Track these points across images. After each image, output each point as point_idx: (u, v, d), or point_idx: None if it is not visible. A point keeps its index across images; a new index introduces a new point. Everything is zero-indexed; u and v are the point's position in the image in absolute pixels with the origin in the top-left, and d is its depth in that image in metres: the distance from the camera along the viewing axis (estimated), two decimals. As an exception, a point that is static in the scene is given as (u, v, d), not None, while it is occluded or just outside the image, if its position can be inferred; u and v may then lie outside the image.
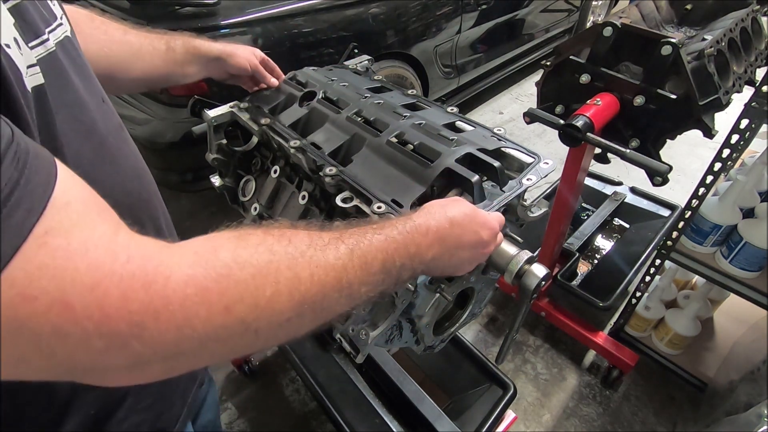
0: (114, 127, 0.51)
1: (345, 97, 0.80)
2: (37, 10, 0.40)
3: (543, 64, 1.19)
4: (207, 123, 0.82)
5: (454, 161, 0.61)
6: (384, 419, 1.17)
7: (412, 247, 0.44)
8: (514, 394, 1.23)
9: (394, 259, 0.42)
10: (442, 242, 0.47)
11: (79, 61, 0.47)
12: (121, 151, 0.50)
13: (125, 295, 0.27)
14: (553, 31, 3.45)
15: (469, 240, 0.49)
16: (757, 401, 1.01)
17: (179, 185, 2.00)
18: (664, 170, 0.96)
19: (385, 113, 0.74)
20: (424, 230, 0.46)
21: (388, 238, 0.43)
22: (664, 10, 1.40)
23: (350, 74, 0.95)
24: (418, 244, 0.45)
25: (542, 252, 1.56)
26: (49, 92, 0.37)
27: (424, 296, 0.61)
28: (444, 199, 0.53)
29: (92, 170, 0.43)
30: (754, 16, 1.22)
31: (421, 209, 0.49)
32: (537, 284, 0.54)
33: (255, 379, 1.64)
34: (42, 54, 0.38)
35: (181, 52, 0.74)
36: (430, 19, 2.35)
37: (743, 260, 1.17)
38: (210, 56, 0.77)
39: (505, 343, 0.66)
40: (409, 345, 0.69)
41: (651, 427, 1.50)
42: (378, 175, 0.64)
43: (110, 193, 0.43)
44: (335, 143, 0.71)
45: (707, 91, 0.98)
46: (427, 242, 0.46)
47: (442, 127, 0.71)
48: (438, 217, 0.48)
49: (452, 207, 0.50)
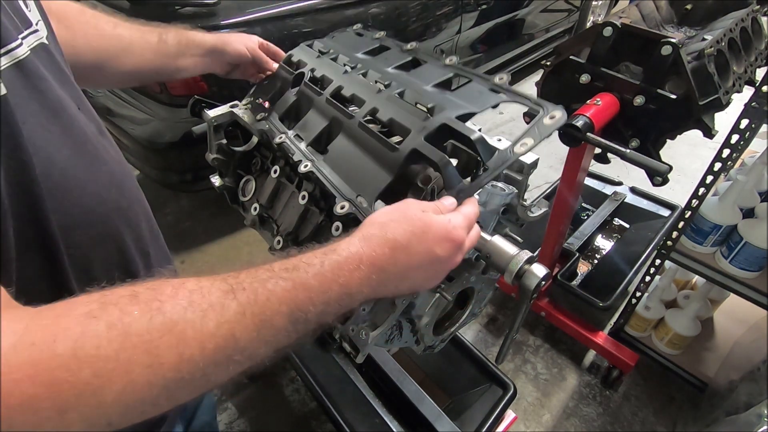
0: (92, 134, 0.48)
1: (329, 73, 0.73)
2: (8, 17, 0.39)
3: (543, 64, 1.19)
4: (207, 123, 0.82)
5: (422, 140, 0.54)
6: (384, 419, 1.17)
7: (335, 289, 0.38)
8: (514, 394, 1.23)
9: (306, 309, 0.36)
10: (382, 272, 0.40)
11: (57, 67, 0.45)
12: (98, 157, 0.48)
13: None
14: (553, 31, 3.45)
15: (419, 261, 0.42)
16: (757, 401, 1.01)
17: (179, 185, 2.00)
18: (664, 170, 0.96)
19: (363, 87, 0.67)
20: (354, 264, 0.39)
21: (297, 285, 0.36)
22: (664, 10, 1.40)
23: (350, 38, 0.87)
24: (345, 283, 0.38)
25: (542, 252, 1.55)
26: (12, 102, 0.36)
27: (424, 296, 0.61)
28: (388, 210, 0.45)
29: (64, 179, 0.41)
30: (754, 16, 1.22)
31: (357, 231, 0.42)
32: (537, 284, 0.53)
33: (255, 379, 1.64)
34: (7, 64, 0.37)
35: (173, 44, 0.71)
36: (430, 19, 2.35)
37: (743, 260, 1.17)
38: (204, 47, 0.74)
39: (505, 342, 0.66)
40: (409, 345, 0.69)
41: (651, 427, 1.50)
42: (351, 165, 0.59)
43: (80, 202, 0.43)
44: (315, 131, 0.67)
45: (707, 91, 0.98)
46: (358, 277, 0.39)
47: (428, 91, 0.62)
48: (374, 243, 0.40)
49: (394, 226, 0.42)
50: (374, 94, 0.64)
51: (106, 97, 2.01)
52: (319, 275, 0.37)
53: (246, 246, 2.18)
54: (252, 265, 0.39)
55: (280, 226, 0.74)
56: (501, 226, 0.66)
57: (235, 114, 0.81)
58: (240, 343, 0.34)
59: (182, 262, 2.11)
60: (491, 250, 0.56)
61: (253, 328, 0.35)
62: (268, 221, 0.79)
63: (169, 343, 0.31)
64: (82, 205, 0.42)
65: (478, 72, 0.63)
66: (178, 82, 1.70)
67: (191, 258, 2.13)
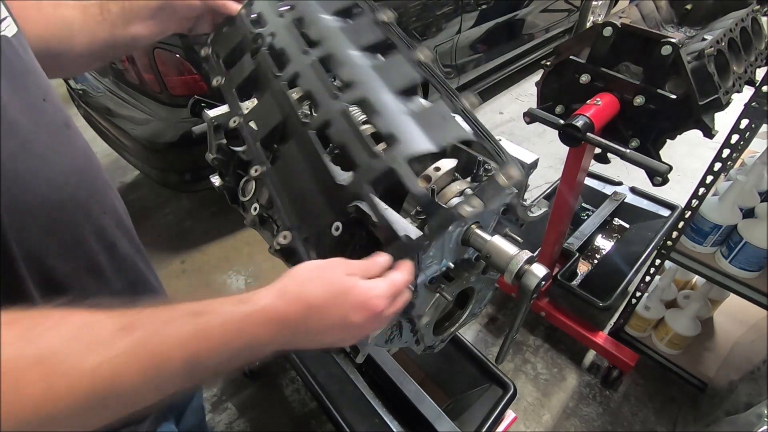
0: (54, 126, 0.47)
1: (289, 49, 0.63)
2: None
3: (543, 64, 1.19)
4: (207, 123, 0.82)
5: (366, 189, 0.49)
6: (384, 419, 1.17)
7: (238, 342, 0.36)
8: (514, 394, 1.23)
9: (205, 358, 0.35)
10: (292, 330, 0.39)
11: (16, 62, 0.44)
12: (56, 150, 0.47)
13: None
14: (553, 31, 3.44)
15: (332, 324, 0.41)
16: (757, 401, 1.01)
17: (179, 185, 2.00)
18: (664, 170, 0.96)
19: (320, 85, 0.58)
20: (263, 318, 0.38)
21: (199, 333, 0.35)
22: (664, 10, 1.40)
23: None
24: (251, 336, 0.37)
25: (542, 252, 1.56)
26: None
27: (424, 296, 0.61)
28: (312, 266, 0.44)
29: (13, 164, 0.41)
30: (754, 16, 1.22)
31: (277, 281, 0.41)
32: (537, 284, 0.53)
33: (255, 380, 1.64)
34: None
35: (116, 11, 0.65)
36: (429, 19, 2.35)
37: (743, 260, 1.17)
38: (151, 6, 0.67)
39: (505, 343, 0.66)
40: (409, 345, 0.69)
41: (651, 427, 1.50)
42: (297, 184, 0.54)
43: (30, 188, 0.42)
44: (269, 125, 0.59)
45: (707, 91, 0.98)
46: (267, 332, 0.38)
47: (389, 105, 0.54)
48: (289, 298, 0.39)
49: (313, 286, 0.41)
50: (330, 99, 0.56)
51: (106, 97, 2.01)
52: (225, 324, 0.36)
53: (246, 246, 2.18)
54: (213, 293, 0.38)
55: (280, 227, 0.74)
56: (501, 226, 0.66)
57: None
58: (122, 385, 0.32)
59: (182, 262, 2.11)
60: (491, 250, 0.55)
61: (140, 371, 0.32)
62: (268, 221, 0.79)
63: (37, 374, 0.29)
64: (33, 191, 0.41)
65: (446, 83, 0.56)
66: (177, 82, 1.70)
67: (191, 258, 2.13)
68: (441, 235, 0.51)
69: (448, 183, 0.62)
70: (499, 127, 3.12)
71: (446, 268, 0.61)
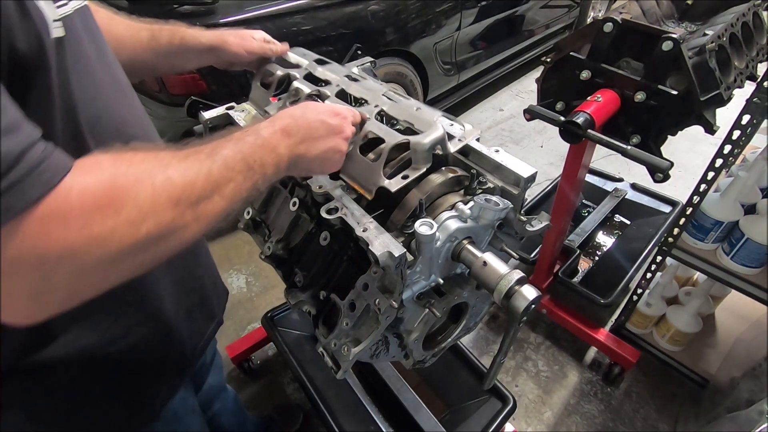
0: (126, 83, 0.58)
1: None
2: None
3: (543, 61, 1.18)
4: (203, 124, 0.81)
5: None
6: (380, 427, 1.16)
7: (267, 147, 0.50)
8: (513, 408, 1.21)
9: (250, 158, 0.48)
10: (291, 136, 0.52)
11: (92, 27, 0.52)
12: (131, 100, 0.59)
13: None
14: (553, 27, 3.44)
15: (318, 128, 0.55)
16: (759, 398, 1.01)
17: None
18: (665, 166, 0.95)
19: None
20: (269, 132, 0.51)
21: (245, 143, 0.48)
22: (664, 5, 1.39)
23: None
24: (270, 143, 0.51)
25: (543, 249, 1.55)
26: (67, 46, 0.43)
27: (413, 311, 0.59)
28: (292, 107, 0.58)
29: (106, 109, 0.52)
30: (755, 11, 1.21)
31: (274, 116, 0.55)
32: (526, 307, 0.51)
33: (256, 379, 1.64)
34: (65, 13, 0.44)
35: (164, 43, 0.71)
36: (429, 16, 2.34)
37: (745, 256, 1.17)
38: (199, 48, 0.73)
39: (492, 366, 0.63)
40: (398, 359, 0.67)
41: (652, 423, 1.50)
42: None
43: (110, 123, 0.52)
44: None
45: (708, 86, 0.98)
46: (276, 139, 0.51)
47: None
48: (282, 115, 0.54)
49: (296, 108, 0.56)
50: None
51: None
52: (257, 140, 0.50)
53: (247, 245, 2.18)
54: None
55: (272, 232, 0.73)
56: (498, 240, 0.64)
57: (231, 116, 0.81)
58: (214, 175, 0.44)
59: (183, 262, 2.11)
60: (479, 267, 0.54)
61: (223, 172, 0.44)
62: (261, 226, 0.78)
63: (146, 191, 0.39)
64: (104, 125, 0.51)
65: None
66: (176, 81, 1.70)
67: (192, 257, 2.13)
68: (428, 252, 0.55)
69: (442, 194, 0.61)
70: (499, 125, 3.11)
71: (435, 283, 0.59)
